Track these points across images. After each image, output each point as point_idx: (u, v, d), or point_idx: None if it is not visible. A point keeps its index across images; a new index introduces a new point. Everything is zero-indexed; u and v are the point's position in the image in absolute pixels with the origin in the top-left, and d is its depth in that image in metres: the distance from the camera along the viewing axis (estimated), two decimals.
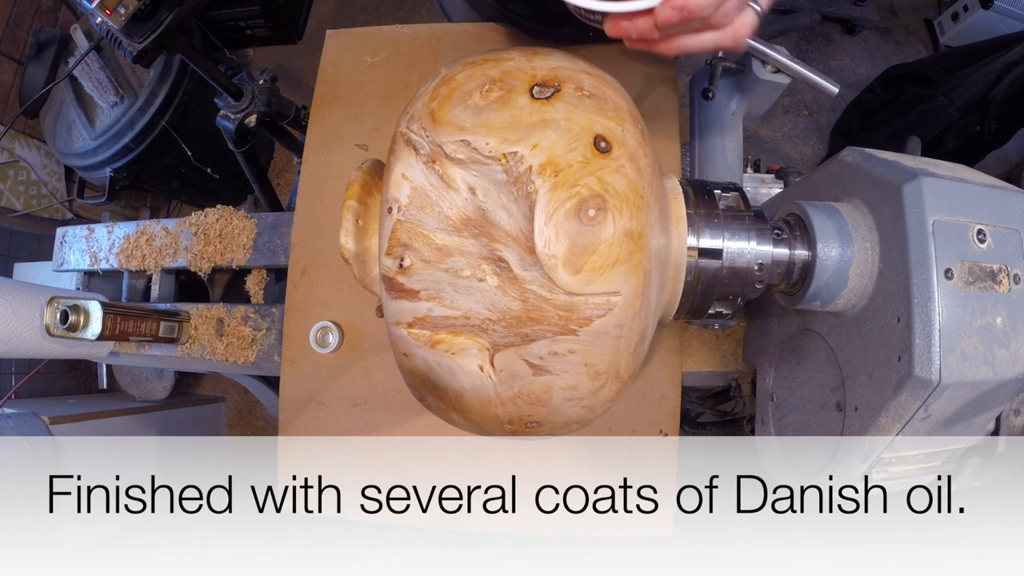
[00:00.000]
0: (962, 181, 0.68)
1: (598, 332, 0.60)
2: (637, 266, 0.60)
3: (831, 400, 0.76)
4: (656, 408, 1.09)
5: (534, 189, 0.58)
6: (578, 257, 0.58)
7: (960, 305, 0.63)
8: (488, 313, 0.60)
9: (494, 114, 0.61)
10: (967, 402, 0.66)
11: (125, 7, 1.32)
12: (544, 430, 0.69)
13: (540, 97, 0.62)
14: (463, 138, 0.60)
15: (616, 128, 0.62)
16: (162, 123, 2.28)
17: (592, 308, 0.59)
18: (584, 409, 0.67)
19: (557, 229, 0.58)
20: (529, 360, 0.61)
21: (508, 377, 0.62)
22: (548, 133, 0.60)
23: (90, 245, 1.40)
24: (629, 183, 0.61)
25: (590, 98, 0.63)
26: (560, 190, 0.58)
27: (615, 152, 0.61)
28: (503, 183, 0.59)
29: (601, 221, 0.58)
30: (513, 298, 0.59)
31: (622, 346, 0.63)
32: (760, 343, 0.98)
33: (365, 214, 0.70)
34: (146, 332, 1.18)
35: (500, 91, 0.62)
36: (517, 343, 0.61)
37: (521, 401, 0.64)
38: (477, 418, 0.67)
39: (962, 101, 2.12)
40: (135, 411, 2.48)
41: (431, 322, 0.63)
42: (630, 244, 0.60)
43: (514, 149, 0.59)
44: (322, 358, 1.15)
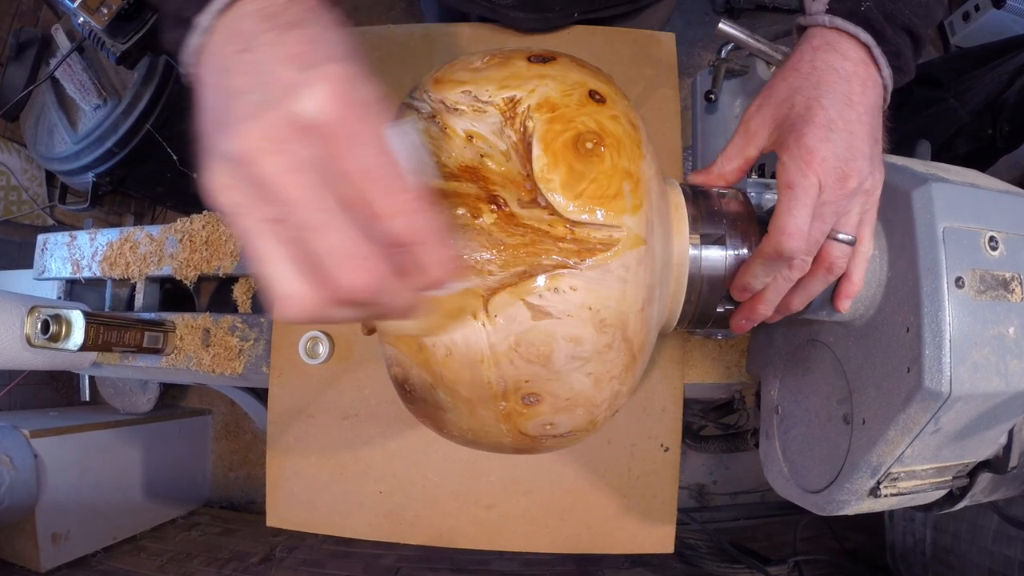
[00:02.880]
0: (973, 186, 0.68)
1: (601, 268, 0.58)
2: (638, 207, 0.60)
3: (838, 413, 0.76)
4: (657, 421, 1.09)
5: (532, 124, 0.60)
6: (576, 181, 0.58)
7: (971, 315, 0.63)
8: (483, 251, 0.58)
9: (494, 71, 0.65)
10: (978, 415, 0.66)
11: (108, 7, 1.31)
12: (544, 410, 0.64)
13: (537, 61, 0.65)
14: (463, 89, 0.64)
15: (612, 89, 0.66)
16: (147, 126, 2.27)
17: (593, 240, 0.58)
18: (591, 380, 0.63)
19: (555, 155, 0.59)
20: (528, 300, 0.58)
21: (504, 323, 0.59)
22: (545, 81, 0.63)
23: (72, 252, 1.40)
24: (625, 132, 0.62)
25: (585, 66, 0.67)
26: (557, 123, 0.60)
27: (610, 103, 0.63)
28: (501, 127, 0.62)
29: (599, 155, 0.59)
30: (511, 234, 0.58)
31: (628, 294, 0.61)
32: (764, 354, 0.98)
33: None
34: (130, 342, 1.17)
35: (500, 58, 0.66)
36: (514, 282, 0.58)
37: (518, 357, 0.60)
38: (467, 390, 0.62)
39: (974, 104, 2.12)
40: (119, 424, 2.48)
41: None
42: (630, 182, 0.60)
43: (511, 94, 0.62)
44: (312, 369, 1.15)
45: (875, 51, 0.67)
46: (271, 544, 2.44)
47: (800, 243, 0.64)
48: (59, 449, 2.17)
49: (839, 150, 0.63)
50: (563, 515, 1.09)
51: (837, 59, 0.67)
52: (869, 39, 0.66)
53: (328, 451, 1.13)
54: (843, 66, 0.66)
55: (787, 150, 0.66)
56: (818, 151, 0.63)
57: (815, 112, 0.64)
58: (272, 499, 1.14)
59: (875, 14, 0.66)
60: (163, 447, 2.69)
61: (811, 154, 0.63)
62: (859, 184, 0.64)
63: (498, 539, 1.10)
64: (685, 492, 2.76)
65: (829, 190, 0.64)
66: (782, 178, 0.65)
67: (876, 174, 0.67)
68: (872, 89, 0.67)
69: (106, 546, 2.34)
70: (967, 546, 1.63)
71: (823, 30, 0.69)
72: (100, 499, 2.32)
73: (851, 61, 0.67)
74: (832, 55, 0.67)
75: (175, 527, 2.67)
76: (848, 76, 0.66)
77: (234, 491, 3.01)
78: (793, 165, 0.64)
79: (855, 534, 2.34)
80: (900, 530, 1.88)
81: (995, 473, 0.77)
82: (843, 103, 0.65)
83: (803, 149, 0.64)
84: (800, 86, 0.67)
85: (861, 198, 0.66)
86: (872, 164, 0.65)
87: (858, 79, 0.66)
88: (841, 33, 0.68)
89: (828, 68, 0.67)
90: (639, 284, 0.61)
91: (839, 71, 0.66)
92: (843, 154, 0.63)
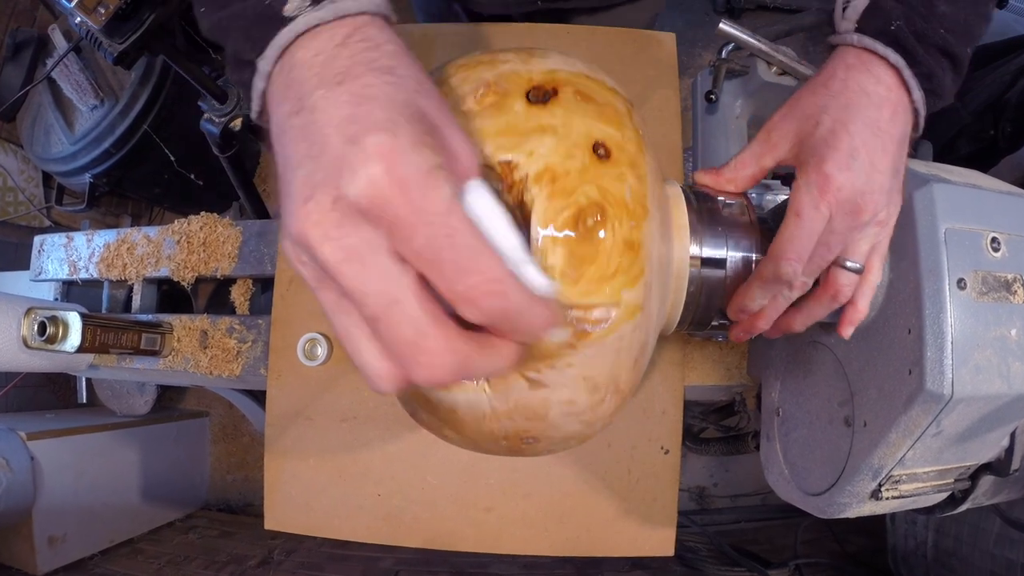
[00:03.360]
0: (975, 187, 0.68)
1: (597, 345, 0.59)
2: (637, 277, 0.60)
3: (839, 415, 0.76)
4: (657, 424, 1.09)
5: (530, 198, 0.57)
6: (576, 268, 0.57)
7: (973, 316, 0.63)
8: None
9: (488, 121, 0.59)
10: (980, 417, 0.66)
11: (105, 6, 1.31)
12: (542, 446, 0.67)
13: (536, 102, 0.61)
14: None
15: (616, 134, 0.62)
16: (144, 127, 2.28)
17: (590, 321, 0.58)
18: (583, 424, 0.65)
19: (554, 239, 0.57)
20: (526, 374, 0.59)
21: (504, 391, 0.61)
22: (545, 140, 0.59)
23: (69, 254, 1.40)
24: (630, 191, 0.60)
25: (589, 102, 0.62)
26: (557, 199, 0.57)
27: (615, 158, 0.60)
28: (498, 192, 0.58)
29: (600, 231, 0.58)
30: None
31: (622, 359, 0.62)
32: (765, 356, 0.98)
33: None
34: (127, 344, 1.17)
35: (495, 96, 0.61)
36: None
37: (517, 416, 0.62)
38: (472, 434, 0.65)
39: (975, 104, 2.12)
40: (116, 426, 2.48)
41: None
42: (630, 255, 0.59)
43: (509, 157, 0.58)
44: (310, 371, 1.15)
45: (904, 73, 0.64)
46: (269, 547, 2.43)
47: (799, 267, 0.64)
48: (56, 451, 2.16)
49: (857, 182, 0.62)
50: (563, 518, 1.09)
51: (870, 82, 0.65)
52: (899, 60, 0.64)
53: (326, 453, 1.13)
54: (876, 90, 0.64)
55: (804, 173, 0.65)
56: (835, 180, 0.62)
57: (840, 137, 0.63)
58: (270, 502, 1.14)
59: (905, 33, 0.64)
60: (160, 449, 2.69)
61: (828, 183, 0.62)
62: (872, 217, 0.63)
63: (497, 542, 1.09)
64: (685, 495, 2.76)
65: (839, 220, 0.63)
66: (793, 203, 0.65)
67: (892, 206, 0.66)
68: (902, 117, 0.65)
69: (103, 549, 2.34)
70: (969, 549, 1.63)
71: (853, 49, 0.67)
72: (97, 502, 2.32)
73: (884, 85, 0.65)
74: (865, 76, 0.65)
75: (172, 530, 2.67)
76: (880, 102, 0.64)
77: (232, 494, 3.01)
78: (807, 193, 0.63)
79: (856, 537, 2.34)
80: (902, 533, 1.88)
81: (997, 476, 0.77)
82: (871, 131, 0.63)
83: (821, 176, 0.63)
84: (828, 105, 0.65)
85: (873, 229, 0.65)
86: (889, 197, 0.64)
87: (889, 106, 0.64)
88: (871, 54, 0.65)
89: (859, 91, 0.65)
90: (632, 345, 0.62)
91: (871, 95, 0.64)
92: (860, 187, 0.62)
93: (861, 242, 0.66)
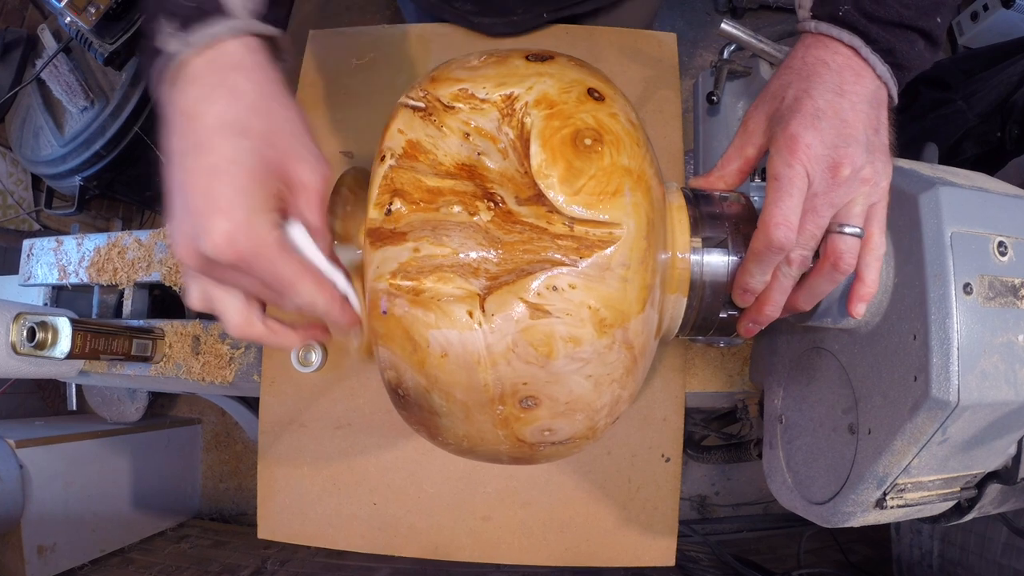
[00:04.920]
0: (982, 190, 0.68)
1: (600, 266, 0.58)
2: (639, 204, 0.60)
3: (843, 422, 0.76)
4: (658, 431, 1.09)
5: (530, 121, 0.62)
6: (575, 178, 0.59)
7: (980, 322, 0.63)
8: (480, 248, 0.58)
9: (491, 68, 0.67)
10: (987, 424, 0.66)
11: (96, 6, 1.32)
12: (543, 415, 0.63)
13: (535, 60, 0.68)
14: (460, 87, 0.66)
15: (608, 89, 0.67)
16: (135, 129, 2.27)
17: (593, 238, 0.58)
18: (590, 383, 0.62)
19: (553, 152, 0.60)
20: (526, 298, 0.57)
21: (502, 323, 0.58)
22: (543, 79, 0.65)
23: (59, 258, 1.40)
24: (625, 130, 0.63)
25: (582, 67, 0.69)
26: (555, 120, 0.61)
27: (609, 100, 0.65)
28: (499, 125, 0.63)
29: (599, 152, 0.60)
30: (508, 231, 0.58)
31: (629, 294, 0.60)
32: (768, 362, 0.98)
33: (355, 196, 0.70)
34: (118, 350, 1.17)
35: (496, 57, 0.69)
36: (511, 280, 0.58)
37: (516, 358, 0.59)
38: (462, 393, 0.61)
39: (982, 106, 2.12)
40: (106, 434, 2.47)
41: (416, 266, 0.59)
42: (630, 180, 0.60)
43: (509, 91, 0.64)
44: (304, 378, 1.15)
45: (863, 51, 0.67)
46: (262, 557, 2.43)
47: (789, 232, 0.63)
48: (45, 459, 2.16)
49: (827, 137, 0.64)
50: (562, 527, 1.09)
51: (828, 54, 0.68)
52: (854, 39, 0.67)
53: (321, 461, 1.13)
54: (833, 59, 0.67)
55: (774, 142, 0.67)
56: (802, 138, 0.63)
57: (803, 102, 0.65)
58: (263, 511, 1.13)
59: (855, 16, 0.67)
60: (152, 457, 2.69)
61: (795, 142, 0.64)
62: (853, 172, 0.64)
63: (495, 552, 1.09)
64: (686, 503, 2.76)
65: (819, 180, 0.64)
66: (769, 171, 0.66)
67: (879, 163, 0.66)
68: (867, 80, 0.67)
69: (93, 559, 2.33)
70: (975, 559, 1.63)
71: (811, 34, 0.70)
72: (87, 511, 2.31)
73: (842, 56, 0.67)
74: (823, 51, 0.68)
75: (164, 539, 2.66)
76: (839, 68, 0.67)
77: (224, 502, 3.00)
78: (778, 156, 0.65)
79: (860, 547, 2.34)
80: (907, 543, 1.88)
81: (1004, 484, 0.77)
82: (833, 92, 0.66)
83: (788, 138, 0.64)
84: (791, 80, 0.68)
85: (862, 188, 0.65)
86: (870, 152, 0.65)
87: (850, 70, 0.67)
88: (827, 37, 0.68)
89: (818, 62, 0.68)
90: (640, 284, 0.61)
91: (829, 64, 0.67)
92: (832, 141, 0.64)
93: (853, 205, 0.66)
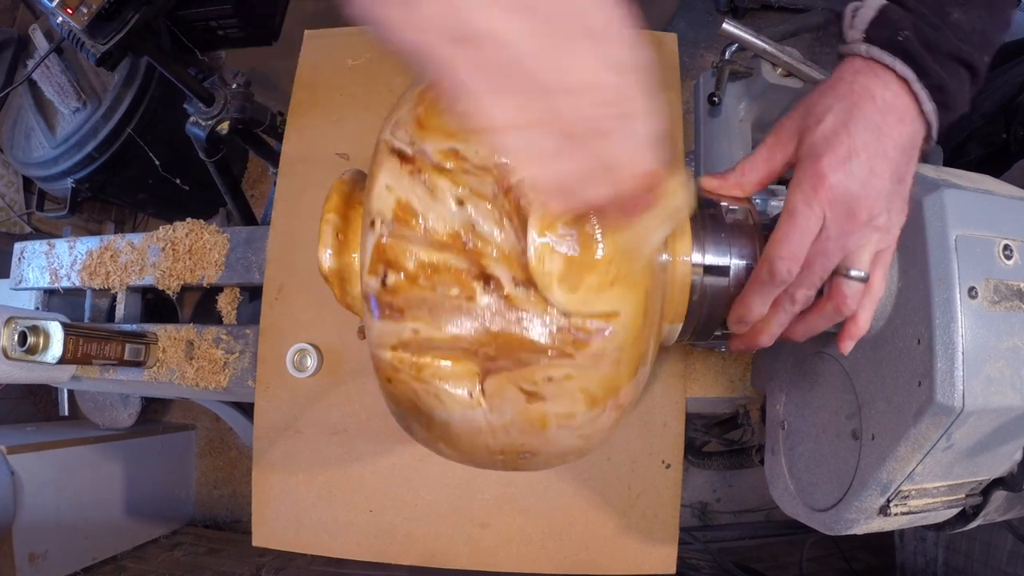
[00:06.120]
0: (987, 193, 0.68)
1: (596, 355, 0.59)
2: (638, 284, 0.60)
3: (846, 428, 0.76)
4: (658, 437, 1.09)
5: (527, 202, 0.57)
6: (575, 275, 0.57)
7: (985, 326, 0.63)
8: (478, 335, 0.59)
9: None
10: (992, 430, 0.66)
11: (88, 6, 1.31)
12: (538, 460, 0.68)
13: None
14: (451, 146, 0.59)
15: None
16: (128, 130, 2.27)
17: (590, 328, 0.58)
18: (581, 438, 0.65)
19: (552, 245, 0.57)
20: (523, 386, 0.60)
21: (500, 404, 0.61)
22: None
23: (50, 261, 1.40)
24: None
25: None
26: None
27: None
28: (493, 195, 0.58)
29: (600, 236, 0.58)
30: (505, 319, 0.58)
31: (622, 370, 0.62)
32: (770, 367, 0.97)
33: (346, 228, 0.69)
34: (110, 355, 1.17)
35: None
36: (509, 367, 0.59)
37: (514, 430, 0.62)
38: (467, 448, 0.65)
39: (986, 107, 2.11)
40: (99, 440, 2.46)
41: (416, 344, 0.61)
42: (630, 261, 0.59)
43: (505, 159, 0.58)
44: (299, 383, 1.14)
45: (914, 86, 0.63)
46: (257, 564, 2.42)
47: (794, 268, 0.64)
48: (37, 466, 2.15)
49: (853, 184, 0.62)
50: (561, 534, 1.09)
51: (877, 86, 0.64)
52: (907, 72, 0.63)
53: (316, 468, 1.13)
54: (882, 95, 0.64)
55: (801, 170, 0.65)
56: (828, 179, 0.62)
57: (840, 137, 0.63)
58: (258, 518, 1.13)
59: (914, 44, 0.63)
60: (145, 464, 2.68)
61: (821, 181, 0.62)
62: (869, 219, 0.63)
63: (493, 559, 1.09)
64: (687, 510, 2.76)
65: (834, 223, 0.63)
66: (787, 201, 0.64)
67: (895, 213, 0.65)
68: (909, 125, 0.64)
69: (86, 567, 2.33)
70: (980, 567, 1.63)
71: (861, 58, 0.66)
72: (79, 518, 2.31)
73: (892, 91, 0.64)
74: (872, 80, 0.65)
75: (158, 547, 2.66)
76: (885, 106, 0.64)
77: (219, 509, 3.00)
78: (800, 191, 0.63)
79: (864, 554, 2.34)
80: (911, 550, 1.88)
81: (1009, 491, 0.77)
82: (873, 134, 0.63)
83: (815, 175, 0.62)
84: (833, 106, 0.65)
85: (875, 235, 0.64)
86: (889, 203, 0.64)
87: (895, 111, 0.64)
88: (879, 64, 0.65)
89: (865, 93, 0.64)
90: (633, 356, 0.63)
91: (876, 99, 0.64)
92: (855, 189, 0.62)
93: (862, 249, 0.65)
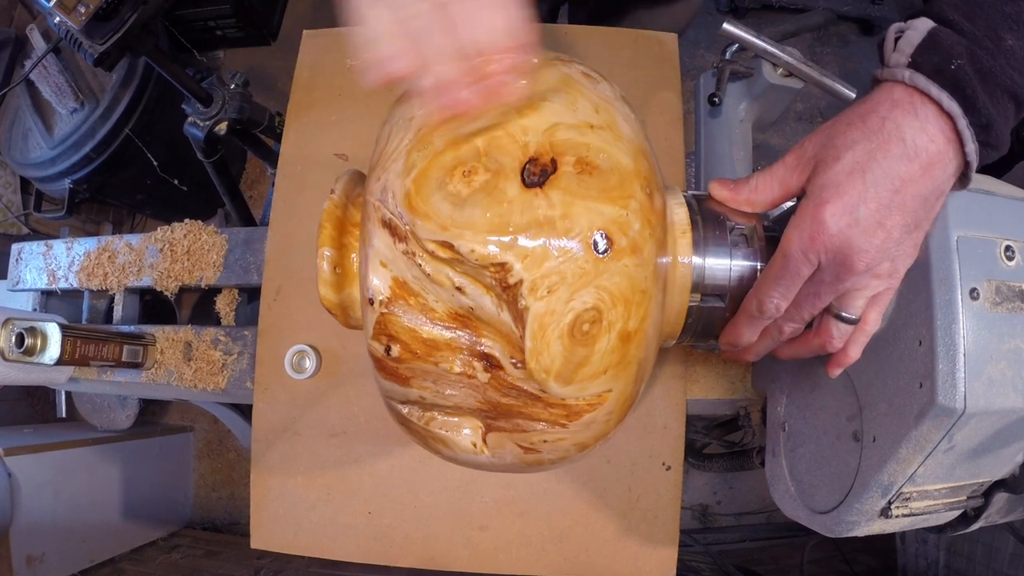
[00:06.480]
0: (988, 194, 0.68)
1: (588, 423, 0.65)
2: (631, 363, 0.63)
3: (847, 430, 0.76)
4: (658, 439, 1.09)
5: (525, 306, 0.57)
6: (571, 372, 0.60)
7: (987, 327, 0.62)
8: (479, 405, 0.65)
9: (478, 210, 0.57)
10: (994, 432, 0.66)
11: (85, 6, 1.31)
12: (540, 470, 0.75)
13: (532, 185, 0.58)
14: (444, 239, 0.58)
15: (620, 213, 0.59)
16: (125, 131, 2.27)
17: (583, 404, 0.63)
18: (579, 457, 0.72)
19: (550, 348, 0.58)
20: (520, 444, 0.66)
21: (500, 453, 0.68)
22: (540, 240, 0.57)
23: (48, 262, 1.39)
24: (630, 282, 0.60)
25: (591, 174, 0.59)
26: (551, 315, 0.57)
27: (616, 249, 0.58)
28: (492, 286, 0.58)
29: (596, 334, 0.59)
30: (504, 395, 0.63)
31: (612, 421, 0.67)
32: (771, 369, 0.97)
33: (342, 259, 0.70)
34: (108, 356, 1.17)
35: (485, 174, 0.58)
36: (509, 429, 0.66)
37: (514, 468, 0.71)
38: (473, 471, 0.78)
39: None
40: (97, 442, 2.46)
41: (423, 405, 0.68)
42: (623, 348, 0.61)
43: (503, 260, 0.57)
44: (298, 385, 1.14)
45: (959, 123, 0.57)
46: (256, 567, 2.42)
47: (782, 306, 0.65)
48: (34, 468, 2.15)
49: (855, 234, 0.59)
50: (560, 537, 1.08)
51: (912, 127, 0.58)
52: (954, 108, 0.57)
53: (315, 470, 1.13)
54: (915, 138, 0.58)
55: (804, 209, 0.62)
56: (829, 228, 0.59)
57: (853, 181, 0.59)
58: (256, 520, 1.13)
59: (967, 74, 0.57)
60: (143, 466, 2.68)
61: (821, 228, 0.59)
62: (867, 268, 0.61)
63: (492, 562, 1.09)
64: (688, 513, 2.75)
65: (828, 271, 0.62)
66: (784, 240, 0.63)
67: (901, 260, 0.63)
68: (939, 172, 0.59)
69: (83, 569, 2.33)
70: (982, 569, 1.63)
71: (903, 86, 0.60)
72: (77, 520, 2.31)
73: (927, 135, 0.58)
74: (909, 119, 0.59)
75: (155, 549, 2.65)
76: (914, 153, 0.58)
77: (217, 512, 3.00)
78: (798, 235, 0.61)
79: (865, 557, 2.34)
80: (912, 553, 1.88)
81: (1011, 493, 0.77)
82: (890, 185, 0.58)
83: (816, 220, 0.60)
84: (857, 144, 0.60)
85: (873, 281, 0.63)
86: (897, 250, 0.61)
87: (924, 159, 0.58)
88: (923, 96, 0.58)
89: (896, 135, 0.59)
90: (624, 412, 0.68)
91: (907, 143, 0.58)
92: (856, 243, 0.59)
93: (857, 294, 0.64)
